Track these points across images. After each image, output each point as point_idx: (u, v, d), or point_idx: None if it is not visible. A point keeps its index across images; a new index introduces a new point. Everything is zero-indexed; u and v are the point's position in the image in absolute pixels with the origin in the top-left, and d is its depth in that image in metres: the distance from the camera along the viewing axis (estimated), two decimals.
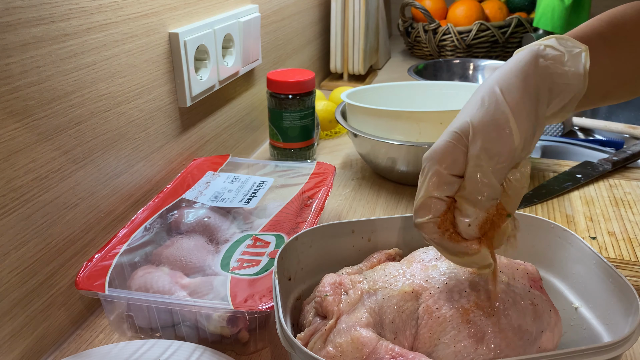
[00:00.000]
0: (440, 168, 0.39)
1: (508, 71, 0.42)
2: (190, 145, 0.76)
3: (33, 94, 0.48)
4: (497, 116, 0.39)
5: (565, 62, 0.43)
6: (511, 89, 0.40)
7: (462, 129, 0.39)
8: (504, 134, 0.39)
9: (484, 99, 0.40)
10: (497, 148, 0.39)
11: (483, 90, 0.41)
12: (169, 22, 0.67)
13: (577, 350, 0.36)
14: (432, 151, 0.40)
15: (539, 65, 0.42)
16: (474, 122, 0.39)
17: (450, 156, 0.39)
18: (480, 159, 0.38)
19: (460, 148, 0.39)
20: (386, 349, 0.39)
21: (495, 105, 0.40)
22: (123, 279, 0.53)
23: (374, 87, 0.94)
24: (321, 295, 0.45)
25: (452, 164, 0.39)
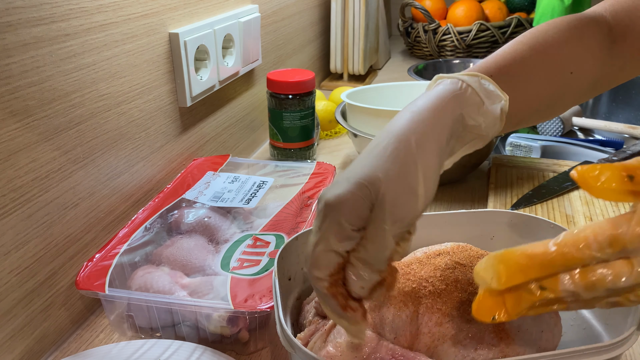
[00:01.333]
0: (345, 222, 0.36)
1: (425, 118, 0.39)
2: (191, 145, 0.76)
3: (33, 94, 0.48)
4: (410, 179, 0.37)
5: (482, 111, 0.42)
6: (426, 148, 0.38)
7: (371, 183, 0.36)
8: (412, 200, 0.37)
9: (398, 153, 0.38)
10: (403, 214, 0.36)
11: (396, 139, 0.38)
12: (169, 22, 0.67)
13: (577, 350, 0.36)
14: (338, 201, 0.36)
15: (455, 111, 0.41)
16: (386, 181, 0.36)
17: (357, 211, 0.36)
18: (385, 223, 0.36)
19: (367, 204, 0.36)
20: (386, 348, 0.39)
21: (409, 166, 0.37)
22: (123, 279, 0.53)
23: (374, 87, 0.94)
24: None
25: (356, 219, 0.36)
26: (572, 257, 0.32)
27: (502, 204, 0.75)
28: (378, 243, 0.36)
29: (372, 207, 0.36)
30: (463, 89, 0.42)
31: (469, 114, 0.41)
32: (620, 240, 0.31)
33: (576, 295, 0.33)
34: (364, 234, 0.36)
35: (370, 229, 0.36)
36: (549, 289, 0.33)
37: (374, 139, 0.40)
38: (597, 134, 1.09)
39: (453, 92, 0.41)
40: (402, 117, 0.40)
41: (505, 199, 0.76)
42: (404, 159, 0.37)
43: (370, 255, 0.36)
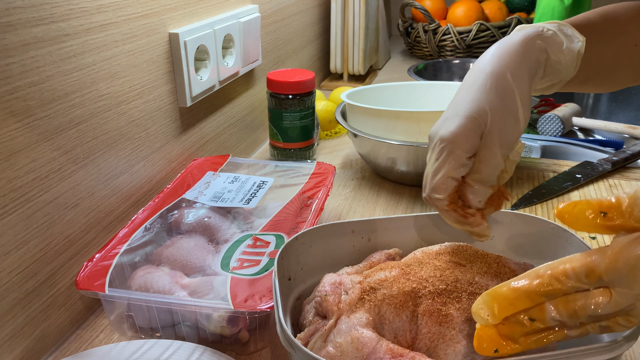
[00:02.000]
0: (460, 152, 0.42)
1: (515, 51, 0.45)
2: (191, 145, 0.76)
3: (33, 94, 0.48)
4: (511, 107, 0.43)
5: (562, 49, 0.48)
6: (520, 77, 0.44)
7: (480, 115, 0.42)
8: (517, 123, 0.43)
9: (498, 86, 0.44)
10: (510, 136, 0.43)
11: (494, 73, 0.44)
12: (169, 22, 0.67)
13: (577, 350, 0.36)
14: (453, 134, 0.42)
15: (539, 46, 0.46)
16: (492, 110, 0.43)
17: (470, 141, 0.42)
18: (496, 146, 0.42)
19: (478, 134, 0.42)
20: (386, 348, 0.39)
21: (509, 95, 0.43)
22: (123, 279, 0.53)
23: (374, 87, 0.94)
24: (321, 295, 0.45)
25: (470, 148, 0.42)
26: (553, 287, 0.35)
27: None
28: (491, 164, 0.43)
29: (482, 135, 0.43)
30: (545, 32, 0.48)
31: (552, 50, 0.47)
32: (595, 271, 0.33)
33: (562, 323, 0.35)
34: (477, 158, 0.43)
35: (482, 153, 0.43)
36: (537, 319, 0.36)
37: (470, 76, 0.46)
38: (597, 134, 1.09)
39: (537, 32, 0.47)
40: (494, 54, 0.46)
41: None
42: (504, 90, 0.44)
43: (484, 175, 0.43)
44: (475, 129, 0.42)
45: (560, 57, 0.48)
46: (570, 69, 0.49)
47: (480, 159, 0.43)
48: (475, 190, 0.44)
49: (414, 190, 0.82)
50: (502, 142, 0.43)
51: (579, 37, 0.48)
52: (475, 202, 0.44)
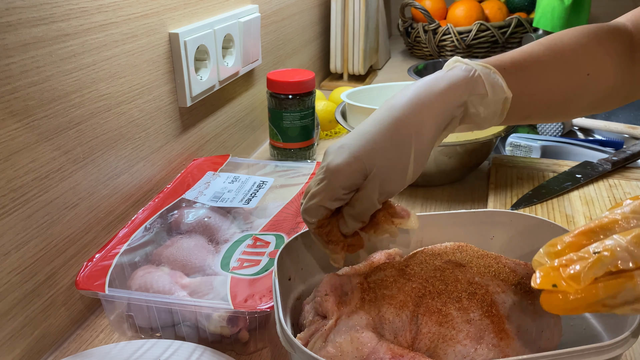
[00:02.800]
0: (338, 187, 0.43)
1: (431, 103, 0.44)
2: (190, 145, 0.76)
3: (33, 94, 0.48)
4: (402, 162, 0.43)
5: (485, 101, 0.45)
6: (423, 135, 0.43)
7: (368, 159, 0.42)
8: (402, 177, 0.43)
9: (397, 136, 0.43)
10: (391, 187, 0.43)
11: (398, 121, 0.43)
12: (169, 22, 0.67)
13: (577, 350, 0.36)
14: (336, 168, 0.42)
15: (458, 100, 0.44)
16: (381, 159, 0.42)
17: (350, 180, 0.42)
18: (374, 192, 0.43)
19: (361, 175, 0.43)
20: (386, 348, 0.39)
21: (405, 151, 0.43)
22: (123, 279, 0.53)
23: (374, 87, 0.94)
24: (321, 295, 0.45)
25: (349, 185, 0.43)
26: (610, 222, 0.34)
27: (502, 204, 0.75)
28: (365, 205, 0.44)
29: (365, 177, 0.43)
30: (474, 79, 0.45)
31: (472, 102, 0.45)
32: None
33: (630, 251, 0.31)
34: (355, 195, 0.44)
35: (360, 194, 0.43)
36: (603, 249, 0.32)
37: (378, 111, 0.45)
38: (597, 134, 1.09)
39: (464, 80, 0.45)
40: (409, 96, 0.44)
41: (505, 199, 0.76)
42: (401, 142, 0.43)
43: (357, 212, 0.44)
44: (359, 170, 0.42)
45: (480, 110, 0.45)
46: (491, 121, 0.47)
47: (357, 196, 0.43)
48: (345, 222, 0.45)
49: (414, 190, 0.82)
50: (381, 191, 0.43)
51: (506, 92, 0.46)
52: (344, 230, 0.45)
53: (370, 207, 0.44)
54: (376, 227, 0.46)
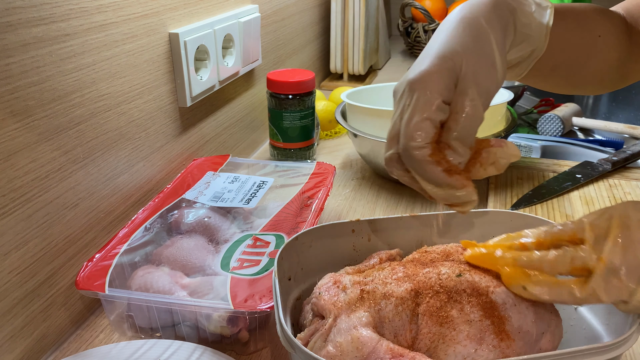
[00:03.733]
0: (434, 93, 0.37)
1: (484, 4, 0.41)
2: (190, 145, 0.76)
3: (33, 94, 0.48)
4: (487, 50, 0.39)
5: (532, 12, 0.44)
6: (493, 24, 0.40)
7: (452, 55, 0.38)
8: (493, 68, 0.39)
9: (471, 29, 0.40)
10: (486, 81, 0.39)
11: (467, 20, 0.40)
12: (169, 22, 0.67)
13: (577, 350, 0.36)
14: (424, 75, 0.38)
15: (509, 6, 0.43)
16: (465, 54, 0.38)
17: (443, 82, 0.37)
18: (473, 92, 0.38)
19: (451, 76, 0.38)
20: (386, 348, 0.39)
21: (484, 37, 0.39)
22: (123, 279, 0.53)
23: (374, 87, 0.94)
24: (316, 295, 0.45)
25: (443, 90, 0.37)
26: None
27: (502, 204, 0.75)
28: (469, 113, 0.37)
29: (456, 81, 0.38)
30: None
31: (521, 11, 0.43)
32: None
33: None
34: (452, 109, 0.38)
35: (458, 102, 0.37)
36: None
37: (440, 26, 0.42)
38: (597, 134, 1.09)
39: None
40: (464, 6, 0.42)
41: (505, 199, 0.76)
42: (478, 32, 0.39)
43: (463, 128, 0.37)
44: (448, 69, 0.37)
45: (530, 19, 0.44)
46: (541, 38, 0.45)
47: (456, 109, 0.38)
48: (454, 149, 0.38)
49: (414, 190, 0.82)
50: (479, 89, 0.38)
51: (548, 3, 0.45)
52: (455, 162, 0.38)
53: (474, 113, 0.37)
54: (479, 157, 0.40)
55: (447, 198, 0.39)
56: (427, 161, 0.37)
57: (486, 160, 0.40)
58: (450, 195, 0.39)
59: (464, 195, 0.38)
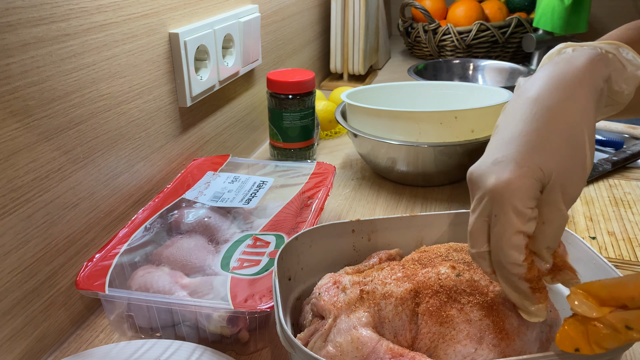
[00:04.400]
0: (522, 207, 0.35)
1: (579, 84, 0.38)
2: (190, 145, 0.76)
3: (33, 94, 0.48)
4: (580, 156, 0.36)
5: (626, 77, 0.40)
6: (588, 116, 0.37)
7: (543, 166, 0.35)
8: (582, 175, 0.37)
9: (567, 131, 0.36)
10: (576, 192, 0.37)
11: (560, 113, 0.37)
12: (169, 22, 0.67)
13: None
14: (509, 186, 0.35)
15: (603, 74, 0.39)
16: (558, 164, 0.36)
17: (532, 193, 0.35)
18: (560, 203, 0.36)
19: (539, 186, 0.36)
20: (386, 348, 0.39)
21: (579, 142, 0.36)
22: (123, 279, 0.53)
23: (374, 87, 0.94)
24: (315, 295, 0.45)
25: (530, 202, 0.35)
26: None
27: None
28: (556, 219, 0.36)
29: (543, 187, 0.36)
30: (605, 53, 0.40)
31: (615, 78, 0.40)
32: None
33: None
34: (540, 217, 0.36)
35: (544, 213, 0.36)
36: (635, 328, 0.33)
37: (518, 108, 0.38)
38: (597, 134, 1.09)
39: (599, 55, 0.40)
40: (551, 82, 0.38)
41: None
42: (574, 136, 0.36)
43: (551, 237, 0.36)
44: (536, 178, 0.35)
45: (623, 86, 0.40)
46: (628, 98, 0.41)
47: (543, 219, 0.36)
48: (542, 255, 0.37)
49: (414, 190, 0.82)
50: (565, 198, 0.36)
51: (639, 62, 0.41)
52: (542, 268, 0.38)
53: (561, 220, 0.36)
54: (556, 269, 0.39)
55: (519, 304, 0.39)
56: (521, 279, 0.37)
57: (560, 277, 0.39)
58: (522, 305, 0.39)
59: (535, 310, 0.38)
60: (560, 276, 0.39)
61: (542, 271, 0.38)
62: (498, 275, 0.38)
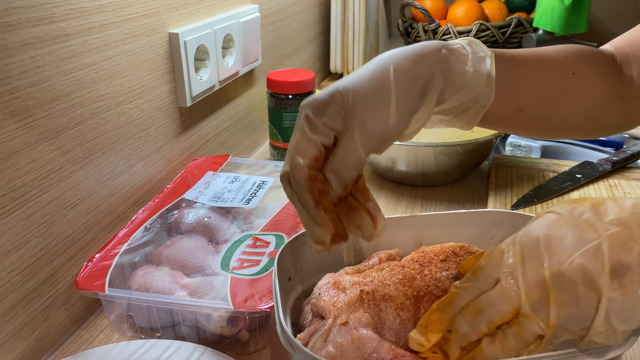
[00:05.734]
0: (315, 116, 0.38)
1: (407, 52, 0.42)
2: (190, 145, 0.76)
3: (33, 94, 0.48)
4: (382, 95, 0.40)
5: (467, 62, 0.44)
6: (403, 72, 0.41)
7: (343, 91, 0.39)
8: (382, 114, 0.39)
9: (374, 73, 0.40)
10: (371, 126, 0.39)
11: (377, 66, 0.41)
12: (169, 22, 0.67)
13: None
14: (310, 100, 0.39)
15: (440, 54, 0.43)
16: (356, 91, 0.39)
17: (325, 109, 0.39)
18: (354, 131, 0.38)
19: (336, 108, 0.39)
20: (388, 349, 0.39)
21: (383, 84, 0.40)
22: (123, 279, 0.53)
23: None
24: (315, 295, 0.45)
25: (329, 119, 0.38)
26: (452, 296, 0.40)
27: (502, 204, 0.75)
28: (346, 149, 0.38)
29: (344, 112, 0.39)
30: (450, 43, 0.44)
31: (454, 60, 0.43)
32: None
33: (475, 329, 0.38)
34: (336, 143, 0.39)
35: (341, 137, 0.39)
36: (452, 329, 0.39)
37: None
38: None
39: (439, 43, 0.44)
40: (388, 52, 0.42)
41: (505, 199, 0.76)
42: (378, 77, 0.40)
43: (338, 160, 0.38)
44: (334, 101, 0.39)
45: (465, 68, 0.44)
46: (483, 87, 0.44)
47: (338, 143, 0.39)
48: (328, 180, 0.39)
49: (414, 190, 0.82)
50: (362, 128, 0.38)
51: (486, 52, 0.45)
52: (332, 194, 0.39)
53: (350, 149, 0.38)
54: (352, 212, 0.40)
55: (306, 225, 0.40)
56: (302, 185, 0.38)
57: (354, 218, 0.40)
58: (308, 225, 0.39)
59: (317, 232, 0.39)
60: (353, 217, 0.40)
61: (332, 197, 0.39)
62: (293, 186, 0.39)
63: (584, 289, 0.35)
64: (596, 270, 0.34)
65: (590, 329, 0.35)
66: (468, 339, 0.38)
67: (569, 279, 0.35)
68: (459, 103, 0.45)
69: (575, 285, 0.35)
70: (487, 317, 0.37)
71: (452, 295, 0.39)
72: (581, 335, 0.36)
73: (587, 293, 0.35)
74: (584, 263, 0.35)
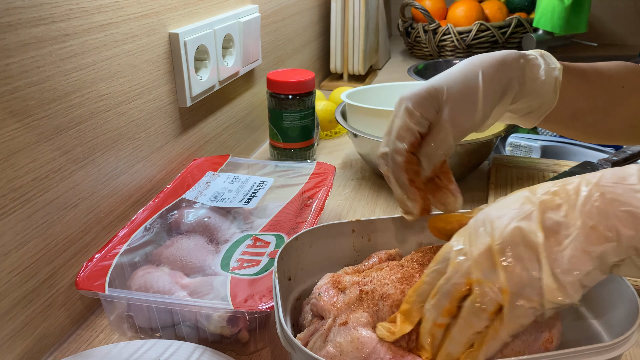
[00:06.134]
0: (414, 109, 0.47)
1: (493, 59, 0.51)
2: (190, 145, 0.76)
3: (33, 94, 0.48)
4: (471, 95, 0.48)
5: (539, 71, 0.53)
6: (490, 78, 0.49)
7: (438, 89, 0.48)
8: (471, 110, 0.48)
9: (466, 74, 0.49)
10: (462, 120, 0.48)
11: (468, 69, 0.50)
12: (169, 22, 0.67)
13: (577, 350, 0.36)
14: (410, 94, 0.47)
15: (519, 62, 0.52)
16: (451, 90, 0.48)
17: (424, 104, 0.47)
18: (447, 122, 0.47)
19: (432, 103, 0.47)
20: (387, 349, 0.39)
21: (473, 86, 0.49)
22: (123, 279, 0.53)
23: (374, 87, 0.94)
24: (315, 295, 0.45)
25: (424, 111, 0.47)
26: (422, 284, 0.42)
27: None
28: (439, 137, 0.47)
29: (439, 107, 0.48)
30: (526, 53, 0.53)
31: (530, 68, 0.53)
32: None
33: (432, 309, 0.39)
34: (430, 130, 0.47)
35: (434, 127, 0.47)
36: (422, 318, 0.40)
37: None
38: None
39: (519, 53, 0.53)
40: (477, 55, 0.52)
41: None
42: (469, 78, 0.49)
43: (431, 146, 0.47)
44: (431, 96, 0.47)
45: (537, 75, 0.52)
46: (549, 93, 0.53)
47: (431, 131, 0.47)
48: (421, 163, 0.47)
49: None
50: (454, 121, 0.47)
51: (557, 64, 0.53)
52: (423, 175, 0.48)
53: (442, 139, 0.47)
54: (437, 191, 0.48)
55: (399, 199, 0.49)
56: (399, 165, 0.47)
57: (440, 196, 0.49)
58: (400, 200, 0.49)
59: (410, 206, 0.48)
60: (439, 195, 0.49)
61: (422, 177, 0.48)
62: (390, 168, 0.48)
63: (524, 249, 0.37)
64: (531, 230, 0.37)
65: (543, 291, 0.36)
66: (435, 322, 0.39)
67: (509, 242, 0.37)
68: (527, 105, 0.54)
69: (516, 246, 0.37)
70: (446, 292, 0.39)
71: (416, 285, 0.41)
72: (540, 303, 0.36)
73: (528, 252, 0.37)
74: (520, 225, 0.37)
